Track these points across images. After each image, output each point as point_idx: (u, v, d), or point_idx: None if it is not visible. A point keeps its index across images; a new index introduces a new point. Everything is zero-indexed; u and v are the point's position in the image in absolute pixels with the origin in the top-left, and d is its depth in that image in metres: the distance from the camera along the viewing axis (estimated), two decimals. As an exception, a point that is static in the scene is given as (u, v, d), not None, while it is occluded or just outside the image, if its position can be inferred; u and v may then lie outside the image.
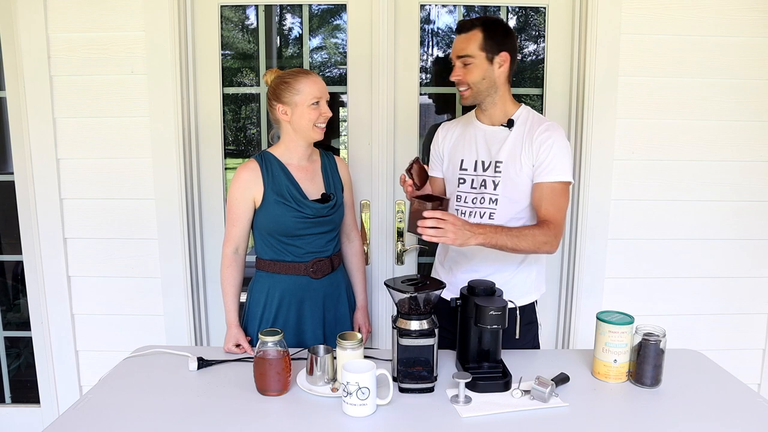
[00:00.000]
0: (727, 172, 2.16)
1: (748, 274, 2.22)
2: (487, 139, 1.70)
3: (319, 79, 1.72)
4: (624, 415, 1.33)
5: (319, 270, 1.77)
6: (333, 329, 1.81)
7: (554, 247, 1.57)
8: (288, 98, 1.69)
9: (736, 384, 1.47)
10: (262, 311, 1.77)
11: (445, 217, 1.42)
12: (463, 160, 1.74)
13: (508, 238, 1.51)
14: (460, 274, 1.74)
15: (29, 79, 2.07)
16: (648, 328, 1.43)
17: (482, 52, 1.61)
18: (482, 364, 1.47)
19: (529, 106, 1.72)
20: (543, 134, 1.61)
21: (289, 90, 1.69)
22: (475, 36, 1.62)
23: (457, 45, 1.66)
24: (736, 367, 1.61)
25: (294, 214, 1.70)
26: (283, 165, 1.75)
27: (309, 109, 1.69)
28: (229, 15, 2.25)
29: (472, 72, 1.63)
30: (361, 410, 1.28)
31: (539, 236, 1.54)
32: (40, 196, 2.15)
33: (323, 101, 1.71)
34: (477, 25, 1.62)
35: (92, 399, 1.37)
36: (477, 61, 1.62)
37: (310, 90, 1.68)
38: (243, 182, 1.72)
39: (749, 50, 2.08)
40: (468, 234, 1.45)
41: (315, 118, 1.70)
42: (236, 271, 1.76)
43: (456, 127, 1.82)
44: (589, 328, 1.67)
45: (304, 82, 1.69)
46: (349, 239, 1.96)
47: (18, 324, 2.46)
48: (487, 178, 1.68)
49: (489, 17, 1.69)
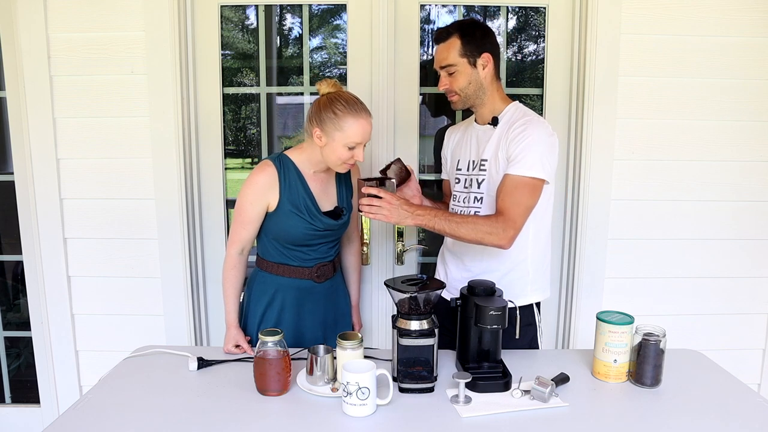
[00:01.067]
0: (727, 172, 2.16)
1: (748, 274, 2.22)
2: (479, 138, 1.72)
3: (369, 122, 1.61)
4: (624, 415, 1.33)
5: (323, 275, 1.78)
6: (333, 329, 1.81)
7: (503, 240, 1.50)
8: (329, 128, 1.58)
9: (736, 384, 1.47)
10: (263, 311, 1.76)
11: (381, 195, 1.48)
12: (460, 160, 1.78)
13: (446, 224, 1.51)
14: (454, 273, 1.76)
15: (29, 79, 2.07)
16: (648, 328, 1.43)
17: (463, 58, 1.61)
18: (482, 364, 1.47)
19: (521, 104, 1.70)
20: (518, 128, 1.57)
21: (334, 123, 1.57)
22: (453, 44, 1.62)
23: (438, 55, 1.66)
24: (736, 367, 1.61)
25: (306, 226, 1.69)
26: (300, 174, 1.69)
27: (344, 149, 1.59)
28: (229, 15, 2.25)
29: (457, 79, 1.64)
30: (361, 410, 1.28)
31: (482, 226, 1.50)
32: (40, 196, 2.15)
33: (361, 146, 1.61)
34: (453, 32, 1.62)
35: (92, 399, 1.37)
36: (460, 68, 1.62)
37: (354, 133, 1.57)
38: (259, 187, 1.66)
39: (749, 50, 2.08)
40: (405, 213, 1.49)
41: (346, 159, 1.61)
42: (239, 272, 1.75)
43: (458, 129, 1.86)
44: (589, 328, 1.67)
45: (352, 123, 1.57)
46: (350, 240, 1.97)
47: (18, 324, 2.46)
48: (474, 177, 1.70)
49: (464, 21, 1.67)
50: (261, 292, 1.77)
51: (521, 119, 1.60)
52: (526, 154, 1.52)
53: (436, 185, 2.29)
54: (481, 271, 1.68)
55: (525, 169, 1.52)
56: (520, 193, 1.53)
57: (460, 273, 1.74)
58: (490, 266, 1.68)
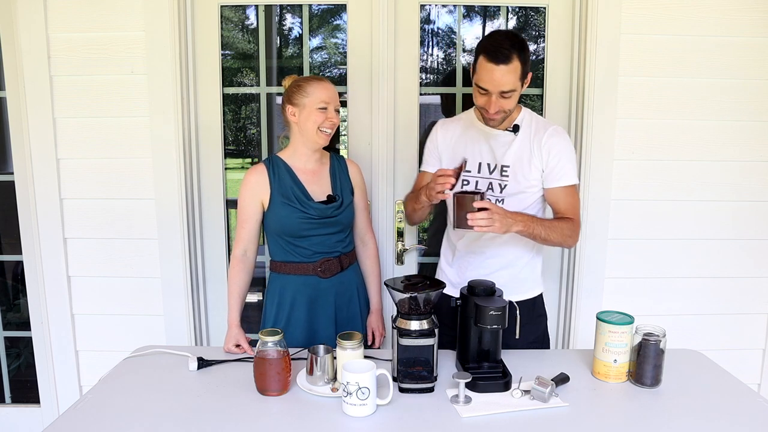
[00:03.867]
0: (727, 172, 2.16)
1: (748, 274, 2.22)
2: (492, 142, 1.71)
3: (331, 85, 1.74)
4: (624, 415, 1.33)
5: (328, 270, 1.78)
6: (345, 328, 1.80)
7: (575, 241, 1.69)
8: (298, 100, 1.72)
9: (736, 384, 1.47)
10: (276, 312, 1.80)
11: (491, 208, 1.48)
12: (466, 161, 1.74)
13: (542, 228, 1.59)
14: (469, 272, 1.74)
15: (29, 79, 2.07)
16: (648, 328, 1.43)
17: (520, 81, 1.57)
18: (482, 364, 1.47)
19: (527, 107, 1.72)
20: (551, 140, 1.65)
21: (300, 92, 1.72)
22: (515, 68, 1.53)
23: (500, 79, 1.53)
24: (736, 367, 1.61)
25: (299, 214, 1.72)
26: (289, 167, 1.78)
27: (316, 112, 1.70)
28: (229, 15, 2.25)
29: (510, 101, 1.58)
30: (361, 410, 1.28)
31: (566, 230, 1.64)
32: (40, 196, 2.15)
33: (332, 107, 1.72)
34: (514, 53, 1.52)
35: (92, 399, 1.37)
36: (516, 92, 1.58)
37: (319, 93, 1.71)
38: (251, 184, 1.75)
39: (749, 50, 2.08)
40: (510, 221, 1.52)
41: (320, 122, 1.71)
42: (243, 272, 1.77)
43: (455, 125, 1.80)
44: (589, 328, 1.67)
45: (315, 85, 1.72)
46: (364, 242, 1.96)
47: (18, 324, 2.46)
48: (493, 181, 1.70)
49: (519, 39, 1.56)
50: (272, 292, 1.82)
51: (547, 129, 1.67)
52: (568, 167, 1.67)
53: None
54: (498, 268, 1.72)
55: (573, 179, 1.68)
56: (574, 200, 1.71)
57: (478, 271, 1.73)
58: (510, 261, 1.73)
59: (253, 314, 2.07)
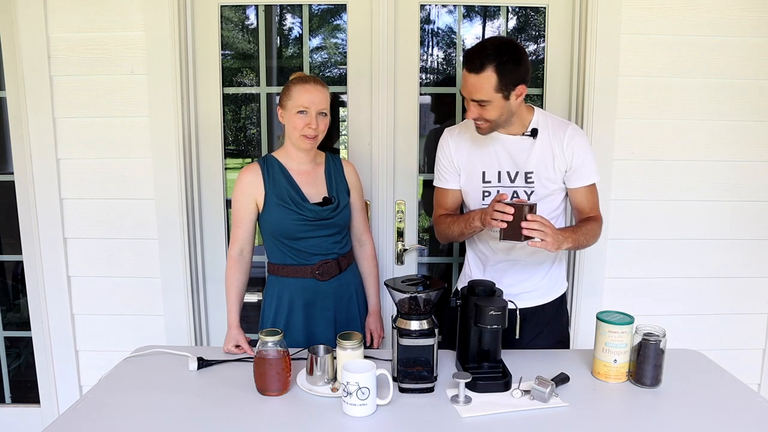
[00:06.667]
0: (727, 172, 2.15)
1: (749, 274, 2.22)
2: (509, 149, 1.66)
3: (313, 88, 1.69)
4: (624, 415, 1.33)
5: (326, 272, 1.78)
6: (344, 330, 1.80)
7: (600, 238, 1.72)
8: (284, 102, 1.72)
9: (736, 384, 1.47)
10: (274, 315, 1.79)
11: (545, 222, 1.45)
12: (485, 172, 1.68)
13: (584, 237, 1.62)
14: (507, 278, 1.72)
15: (29, 79, 2.07)
16: (648, 328, 1.44)
17: (498, 93, 1.50)
18: (482, 364, 1.47)
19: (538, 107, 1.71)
20: (573, 141, 1.64)
21: (286, 93, 1.72)
22: (488, 79, 1.48)
23: (469, 87, 1.52)
24: (736, 367, 1.61)
25: (295, 216, 1.71)
26: (284, 168, 1.76)
27: (295, 116, 1.68)
28: (229, 15, 2.25)
29: (488, 111, 1.54)
30: (361, 410, 1.28)
31: (597, 230, 1.68)
32: (40, 196, 2.15)
33: (312, 111, 1.68)
34: (488, 63, 1.47)
35: (92, 399, 1.37)
36: (494, 103, 1.52)
37: (298, 97, 1.68)
38: (244, 184, 1.74)
39: (749, 50, 2.07)
40: (561, 238, 1.49)
41: (300, 127, 1.68)
42: (240, 272, 1.76)
43: (464, 135, 1.72)
44: (589, 328, 1.67)
45: (297, 88, 1.69)
46: (361, 243, 1.95)
47: (18, 324, 2.46)
48: (518, 189, 1.67)
49: (499, 49, 1.48)
50: (270, 295, 1.81)
51: (566, 129, 1.66)
52: (591, 166, 1.68)
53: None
54: (536, 269, 1.74)
55: (595, 176, 1.70)
56: (597, 198, 1.73)
57: (514, 277, 1.72)
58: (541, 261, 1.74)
59: (252, 314, 2.07)
